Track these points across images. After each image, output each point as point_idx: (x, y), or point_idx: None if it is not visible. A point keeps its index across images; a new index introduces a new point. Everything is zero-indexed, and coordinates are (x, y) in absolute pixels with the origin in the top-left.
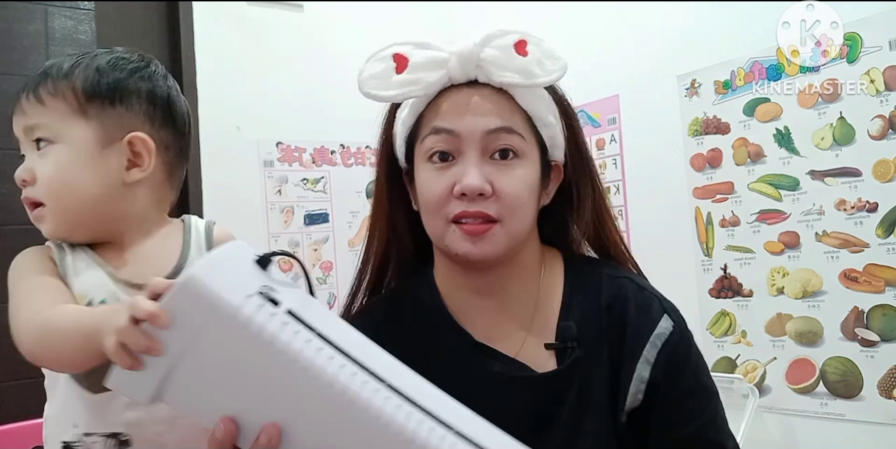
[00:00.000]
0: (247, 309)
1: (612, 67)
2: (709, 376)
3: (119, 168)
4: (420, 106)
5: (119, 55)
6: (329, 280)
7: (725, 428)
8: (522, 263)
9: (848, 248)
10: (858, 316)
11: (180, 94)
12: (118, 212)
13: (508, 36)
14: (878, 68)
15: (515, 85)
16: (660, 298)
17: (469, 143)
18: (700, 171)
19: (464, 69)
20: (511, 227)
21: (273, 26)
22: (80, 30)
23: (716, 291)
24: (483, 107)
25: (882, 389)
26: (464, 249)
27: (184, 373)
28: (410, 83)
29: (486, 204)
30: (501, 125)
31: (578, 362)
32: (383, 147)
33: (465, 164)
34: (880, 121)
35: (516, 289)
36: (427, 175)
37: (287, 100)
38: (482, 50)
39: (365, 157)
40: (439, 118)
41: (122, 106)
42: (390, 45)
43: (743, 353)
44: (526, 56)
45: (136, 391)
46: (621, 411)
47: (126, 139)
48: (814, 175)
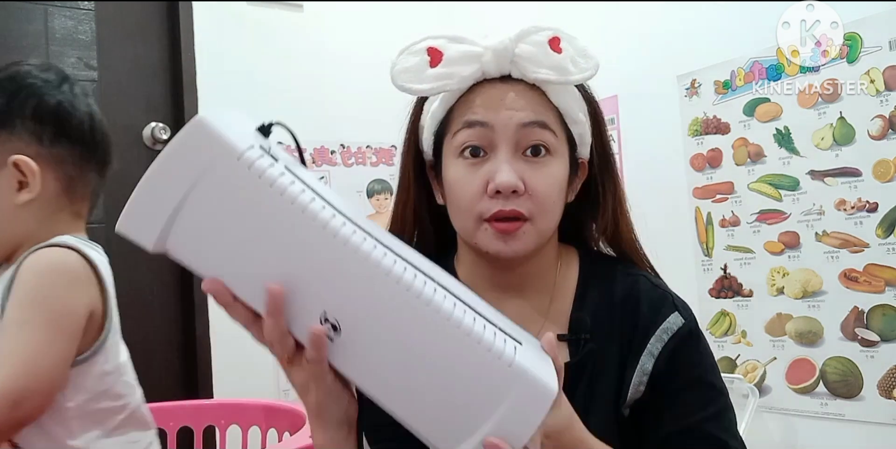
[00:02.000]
0: (249, 153)
1: (611, 67)
2: (717, 377)
3: (11, 191)
4: (451, 100)
5: (6, 75)
6: None
7: (731, 429)
8: (543, 259)
9: (848, 248)
10: (858, 316)
11: (80, 100)
12: (15, 232)
13: (543, 32)
14: (878, 68)
15: (549, 82)
16: (672, 296)
17: (502, 136)
18: (700, 171)
19: (498, 64)
20: (540, 224)
21: (273, 26)
22: (80, 30)
23: (716, 291)
24: (517, 102)
25: (882, 389)
26: (495, 247)
27: (188, 215)
28: (445, 77)
29: (518, 202)
30: (535, 119)
31: (591, 355)
32: (409, 140)
33: (497, 161)
34: (880, 121)
35: (534, 284)
36: (458, 171)
37: (287, 100)
38: (517, 45)
39: (366, 157)
40: (472, 112)
41: (5, 130)
42: (424, 38)
43: (743, 353)
44: (560, 53)
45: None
46: (623, 403)
47: (10, 162)
48: (814, 175)
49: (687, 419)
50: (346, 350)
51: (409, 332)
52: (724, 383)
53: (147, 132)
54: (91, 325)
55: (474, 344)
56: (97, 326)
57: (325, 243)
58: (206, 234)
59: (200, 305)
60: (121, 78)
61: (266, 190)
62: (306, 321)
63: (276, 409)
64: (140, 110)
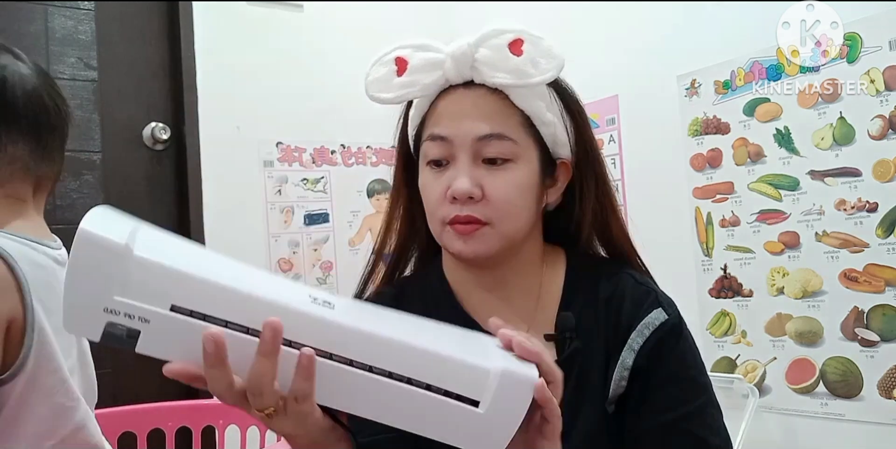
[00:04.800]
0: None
1: (611, 67)
2: (700, 372)
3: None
4: (423, 107)
5: None
6: (329, 280)
7: (713, 426)
8: (524, 260)
9: (848, 248)
10: (858, 316)
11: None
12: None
13: (504, 35)
14: (878, 68)
15: (509, 86)
16: (657, 292)
17: (461, 148)
18: (700, 171)
19: (458, 70)
20: (501, 228)
21: (273, 26)
22: (80, 30)
23: (716, 291)
24: (477, 111)
25: (882, 389)
26: (456, 247)
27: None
28: (408, 85)
29: (475, 207)
30: (491, 132)
31: (576, 353)
32: (400, 143)
33: (455, 169)
34: (880, 121)
35: (518, 284)
36: (426, 178)
37: (287, 100)
38: (476, 50)
39: (366, 157)
40: (433, 123)
41: None
42: (394, 48)
43: (743, 353)
44: (521, 55)
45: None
46: (607, 400)
47: None
48: (814, 175)
49: (666, 415)
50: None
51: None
52: (708, 380)
53: (147, 132)
54: (11, 337)
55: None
56: (17, 340)
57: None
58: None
59: None
60: (121, 78)
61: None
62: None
63: None
64: (140, 110)
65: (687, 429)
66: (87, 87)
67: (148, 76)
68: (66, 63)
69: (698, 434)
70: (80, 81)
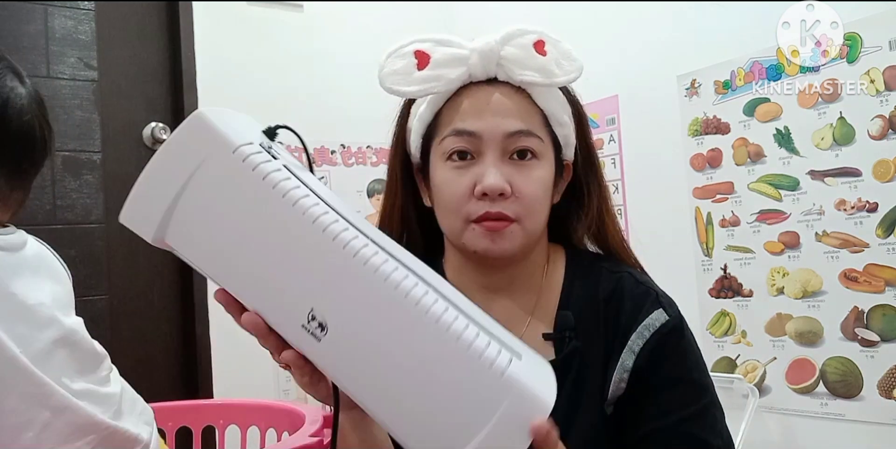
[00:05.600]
0: (244, 148)
1: (611, 67)
2: (702, 373)
3: None
4: (439, 102)
5: None
6: None
7: (715, 427)
8: (531, 260)
9: (848, 248)
10: (858, 316)
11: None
12: None
13: (528, 35)
14: (878, 68)
15: (535, 84)
16: (657, 292)
17: (489, 144)
18: (700, 171)
19: (484, 67)
20: (527, 225)
21: (273, 26)
22: (80, 30)
23: (716, 291)
24: (503, 106)
25: (882, 389)
26: (483, 245)
27: (184, 207)
28: (432, 79)
29: (504, 204)
30: (521, 128)
31: (575, 352)
32: (397, 142)
33: (485, 164)
34: (880, 121)
35: (524, 284)
36: (446, 174)
37: (287, 100)
38: (502, 48)
39: (366, 157)
40: (459, 118)
41: None
42: (411, 41)
43: (743, 353)
44: (545, 56)
45: (142, 227)
46: (606, 401)
47: None
48: (814, 175)
49: (667, 417)
50: (332, 351)
51: (397, 332)
52: (710, 381)
53: (147, 132)
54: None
55: (464, 349)
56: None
57: (313, 237)
58: (201, 227)
59: (200, 305)
60: (121, 78)
61: (258, 183)
62: (294, 319)
63: (276, 409)
64: (140, 110)
65: (689, 431)
66: (87, 87)
67: (148, 76)
68: (65, 63)
69: (700, 436)
70: (80, 81)
